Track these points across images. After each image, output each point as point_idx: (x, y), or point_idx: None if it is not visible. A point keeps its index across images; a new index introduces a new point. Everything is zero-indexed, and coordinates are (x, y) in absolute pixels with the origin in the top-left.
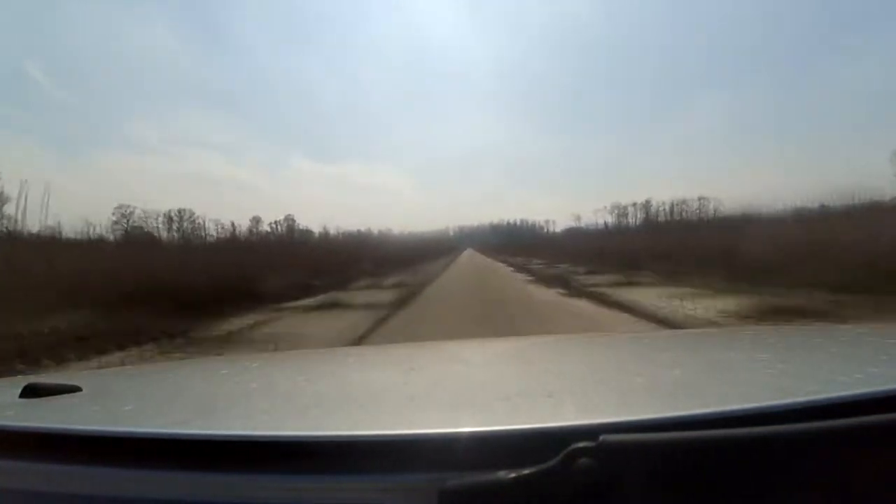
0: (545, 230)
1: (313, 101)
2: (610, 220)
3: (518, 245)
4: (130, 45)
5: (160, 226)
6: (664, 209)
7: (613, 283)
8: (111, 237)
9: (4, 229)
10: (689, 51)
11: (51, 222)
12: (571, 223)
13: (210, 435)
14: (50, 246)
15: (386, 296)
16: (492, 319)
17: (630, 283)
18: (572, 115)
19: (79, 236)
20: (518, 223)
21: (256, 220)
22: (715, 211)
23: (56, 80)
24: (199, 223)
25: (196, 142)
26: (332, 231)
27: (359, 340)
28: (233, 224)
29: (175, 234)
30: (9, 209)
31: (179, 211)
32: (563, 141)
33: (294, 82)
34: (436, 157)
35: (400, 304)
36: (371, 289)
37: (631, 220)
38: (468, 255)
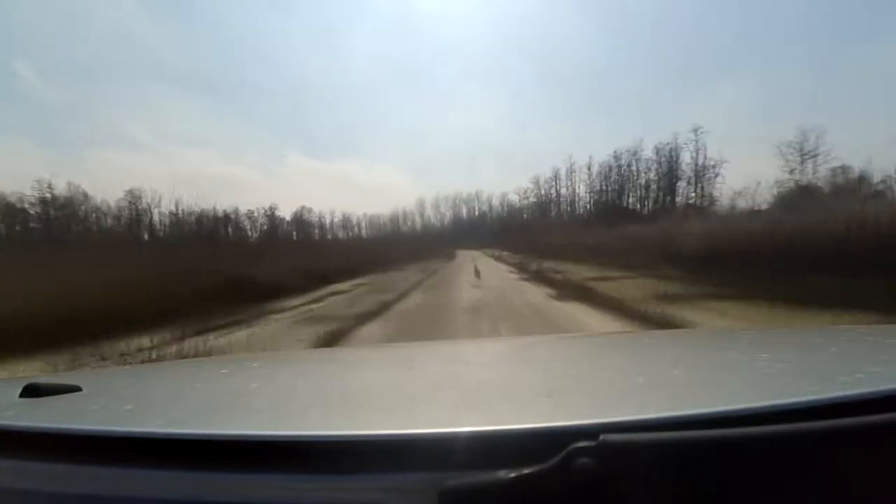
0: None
1: (302, 92)
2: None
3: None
4: (122, 39)
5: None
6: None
7: None
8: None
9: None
10: (720, 28)
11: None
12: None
13: (210, 435)
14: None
15: None
16: None
17: None
18: (579, 101)
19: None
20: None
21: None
22: None
23: (39, 75)
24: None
25: (184, 134)
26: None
27: None
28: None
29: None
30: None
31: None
32: (569, 128)
33: (283, 66)
34: (431, 141)
35: None
36: None
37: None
38: None
